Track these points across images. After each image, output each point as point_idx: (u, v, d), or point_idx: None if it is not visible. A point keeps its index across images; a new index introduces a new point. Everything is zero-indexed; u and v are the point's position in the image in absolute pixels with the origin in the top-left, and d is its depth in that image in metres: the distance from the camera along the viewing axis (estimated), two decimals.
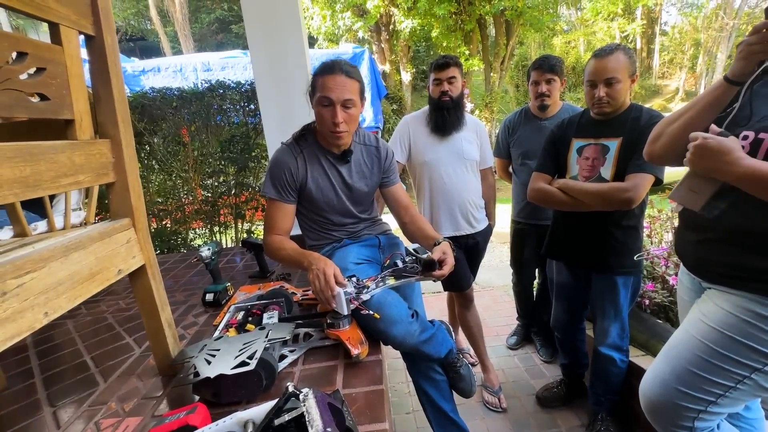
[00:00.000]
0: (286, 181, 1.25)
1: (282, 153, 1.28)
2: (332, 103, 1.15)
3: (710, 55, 14.24)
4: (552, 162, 1.58)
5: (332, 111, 1.16)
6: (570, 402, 1.87)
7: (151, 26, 14.78)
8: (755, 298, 0.87)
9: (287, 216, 1.29)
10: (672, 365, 0.98)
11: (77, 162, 0.81)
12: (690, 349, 0.95)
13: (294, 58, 2.07)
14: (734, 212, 0.89)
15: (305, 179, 1.27)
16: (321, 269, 1.05)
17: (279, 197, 1.26)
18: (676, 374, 0.96)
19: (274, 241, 1.25)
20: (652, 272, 1.84)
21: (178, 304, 1.63)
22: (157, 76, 4.90)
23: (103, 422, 0.94)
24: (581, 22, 15.04)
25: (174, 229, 3.23)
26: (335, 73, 1.16)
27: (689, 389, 0.94)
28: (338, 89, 1.15)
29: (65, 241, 0.78)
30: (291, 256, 1.19)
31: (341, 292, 1.01)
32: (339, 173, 1.31)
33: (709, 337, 0.92)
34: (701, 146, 0.83)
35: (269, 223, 1.29)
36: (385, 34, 9.50)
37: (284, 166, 1.25)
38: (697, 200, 0.91)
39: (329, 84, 1.15)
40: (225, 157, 3.08)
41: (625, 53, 1.35)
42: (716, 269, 0.95)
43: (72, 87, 0.80)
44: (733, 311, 0.90)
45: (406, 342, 1.13)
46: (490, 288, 3.32)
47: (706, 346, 0.92)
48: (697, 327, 0.96)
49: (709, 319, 0.94)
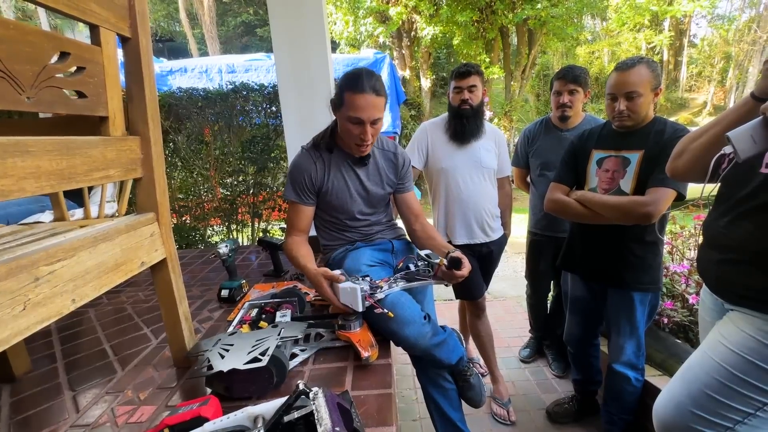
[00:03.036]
0: (306, 184, 1.30)
1: (302, 158, 1.32)
2: (362, 122, 1.19)
3: (741, 69, 13.80)
4: (570, 173, 1.56)
5: (362, 129, 1.20)
6: (581, 419, 1.83)
7: (179, 28, 15.29)
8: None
9: (306, 217, 1.34)
10: (688, 387, 0.95)
11: (109, 157, 0.85)
12: (707, 371, 0.92)
13: (317, 63, 2.11)
14: (760, 233, 0.86)
15: (323, 182, 1.31)
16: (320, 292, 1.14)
17: (298, 200, 1.31)
18: (692, 397, 0.93)
19: (291, 243, 1.31)
20: (671, 290, 1.79)
21: (194, 298, 1.67)
22: (183, 77, 5.05)
23: (119, 409, 0.97)
24: (606, 33, 14.80)
25: (193, 225, 3.32)
26: (365, 92, 1.16)
27: (705, 413, 0.90)
28: (369, 109, 1.17)
29: (94, 232, 0.81)
30: (299, 264, 1.27)
31: (357, 289, 1.03)
32: (357, 176, 1.34)
33: (728, 360, 0.89)
34: None
35: (289, 224, 1.35)
36: (407, 40, 9.56)
37: (304, 170, 1.29)
38: (749, 150, 0.82)
39: (360, 104, 1.16)
40: (245, 157, 3.15)
41: (648, 66, 1.32)
42: (738, 290, 0.91)
43: (108, 86, 0.84)
44: (754, 335, 0.86)
45: (419, 344, 1.13)
46: (503, 298, 3.28)
47: (725, 369, 0.89)
48: (716, 349, 0.93)
49: (729, 342, 0.90)
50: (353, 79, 1.18)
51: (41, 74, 0.68)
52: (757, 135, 0.81)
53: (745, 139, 0.82)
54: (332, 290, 1.12)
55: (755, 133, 0.81)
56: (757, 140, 0.81)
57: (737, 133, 0.83)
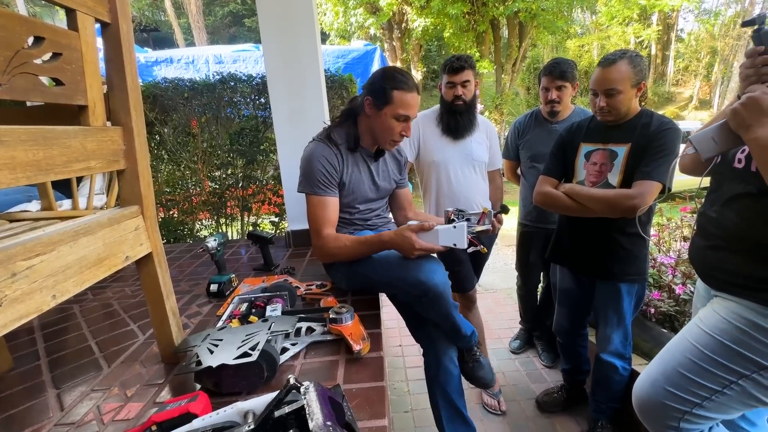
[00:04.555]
0: (330, 174, 1.26)
1: (321, 148, 1.28)
2: (409, 119, 1.24)
3: (726, 64, 14.02)
4: (559, 166, 1.56)
5: (405, 126, 1.25)
6: (570, 408, 1.86)
7: (165, 17, 14.90)
8: (754, 307, 0.88)
9: (336, 209, 1.30)
10: (663, 366, 1.02)
11: (89, 148, 0.82)
12: (682, 351, 0.99)
13: (307, 54, 2.06)
14: (739, 221, 0.90)
15: (345, 173, 1.30)
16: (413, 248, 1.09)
17: (324, 192, 1.26)
18: (666, 375, 1.00)
19: (329, 240, 1.24)
20: (658, 280, 1.82)
21: (182, 293, 1.64)
22: (169, 67, 4.94)
23: (105, 406, 0.95)
24: (596, 26, 14.87)
25: (181, 219, 3.26)
26: (414, 91, 1.23)
27: (677, 390, 0.97)
28: (416, 107, 1.25)
29: (74, 226, 0.79)
30: (358, 249, 1.21)
31: (464, 225, 1.09)
32: (369, 170, 1.37)
33: (701, 341, 0.95)
34: (755, 99, 0.82)
35: (319, 222, 1.25)
36: (397, 32, 9.48)
37: (324, 160, 1.26)
38: (710, 150, 0.91)
39: (411, 102, 1.23)
40: (234, 149, 3.09)
41: (630, 62, 1.32)
42: (721, 276, 0.95)
43: (87, 73, 0.81)
44: (728, 317, 0.92)
45: (444, 294, 1.12)
46: (493, 291, 3.30)
47: (697, 349, 0.95)
48: (692, 331, 0.99)
49: (704, 324, 0.96)
50: (401, 78, 1.23)
51: (14, 60, 0.65)
52: (717, 137, 0.90)
53: (706, 140, 0.91)
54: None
55: (716, 136, 0.90)
56: (717, 141, 0.90)
57: (699, 136, 0.92)
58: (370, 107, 1.25)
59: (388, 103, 1.22)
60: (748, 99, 0.83)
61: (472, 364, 1.29)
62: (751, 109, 0.82)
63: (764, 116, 0.80)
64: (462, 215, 1.27)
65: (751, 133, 0.82)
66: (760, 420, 1.09)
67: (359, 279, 1.27)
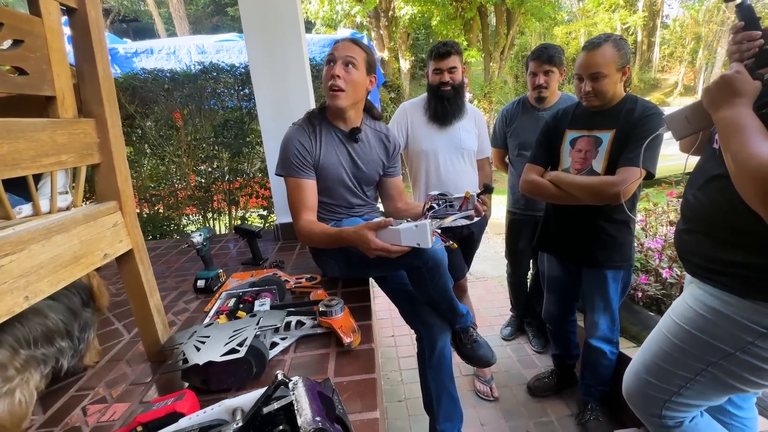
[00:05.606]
0: (303, 156, 1.27)
1: (294, 131, 1.30)
2: (334, 59, 1.23)
3: (710, 50, 14.18)
4: (545, 154, 1.56)
5: (330, 69, 1.23)
6: (560, 392, 1.89)
7: (144, 7, 14.39)
8: (715, 293, 0.89)
9: (312, 192, 1.29)
10: (643, 357, 1.05)
11: (59, 141, 0.78)
12: (657, 342, 1.01)
13: (290, 43, 2.01)
14: (709, 204, 0.90)
15: (318, 156, 1.29)
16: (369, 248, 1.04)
17: (299, 174, 1.27)
18: (646, 365, 1.03)
19: (304, 226, 1.25)
20: (645, 265, 1.84)
21: (169, 290, 1.60)
22: (150, 58, 4.76)
23: (89, 408, 0.93)
24: (582, 13, 14.86)
25: (167, 215, 3.19)
26: (340, 41, 1.27)
27: (656, 380, 1.00)
28: (341, 49, 1.24)
29: (47, 224, 0.75)
30: (323, 241, 1.21)
31: (427, 224, 1.01)
32: (348, 152, 1.34)
33: (672, 330, 0.97)
34: (727, 78, 0.81)
35: (296, 205, 1.28)
36: (384, 20, 9.32)
37: (298, 143, 1.27)
38: (683, 130, 0.91)
39: (335, 47, 1.26)
40: (219, 142, 3.02)
41: (614, 45, 1.31)
42: (694, 260, 0.96)
43: (53, 62, 0.76)
44: (693, 306, 0.93)
45: (443, 263, 1.12)
46: (484, 279, 3.33)
47: (669, 339, 0.97)
48: (665, 321, 1.02)
49: (674, 314, 0.99)
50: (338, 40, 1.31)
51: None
52: (691, 117, 0.89)
53: (679, 120, 0.90)
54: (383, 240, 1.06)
55: (690, 115, 0.89)
56: (691, 121, 0.89)
57: (673, 116, 0.92)
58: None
59: None
60: (721, 78, 0.82)
61: (471, 345, 1.29)
62: (722, 88, 0.81)
63: (733, 96, 0.79)
64: (444, 200, 1.23)
65: (719, 112, 0.81)
66: (747, 403, 1.10)
67: (352, 261, 1.23)
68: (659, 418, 1.02)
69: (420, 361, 1.32)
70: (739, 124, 0.76)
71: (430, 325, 1.25)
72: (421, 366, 1.32)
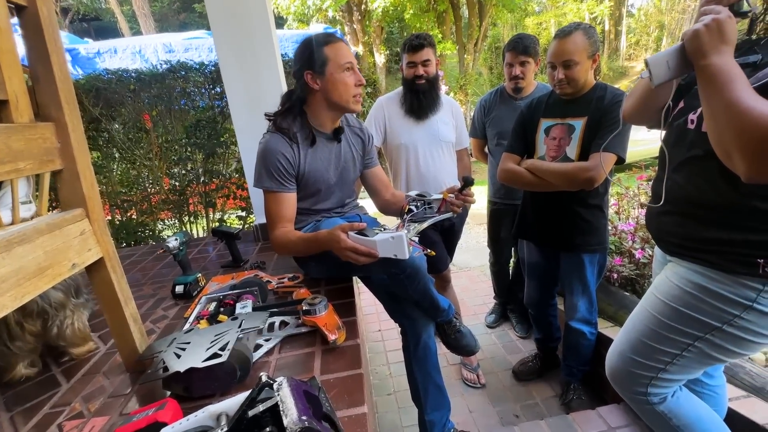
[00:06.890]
0: (285, 169, 1.21)
1: (274, 142, 1.22)
2: (353, 66, 1.20)
3: (673, 37, 14.71)
4: (521, 142, 1.58)
5: (355, 75, 1.21)
6: (544, 374, 1.95)
7: (106, 5, 13.74)
8: (699, 269, 0.91)
9: (292, 205, 1.26)
10: (628, 336, 1.06)
11: (15, 147, 0.73)
12: (642, 320, 1.02)
13: (261, 39, 1.96)
14: (688, 184, 0.91)
15: (304, 165, 1.25)
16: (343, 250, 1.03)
17: (279, 188, 1.22)
18: (631, 344, 1.04)
19: (279, 236, 1.22)
20: (620, 247, 1.91)
21: (146, 297, 1.55)
22: (114, 58, 4.57)
23: (66, 424, 0.89)
24: (552, 3, 15.13)
25: (141, 220, 3.08)
26: (340, 42, 1.22)
27: (642, 358, 1.01)
28: (350, 54, 1.22)
29: (7, 235, 0.71)
30: (300, 248, 1.19)
31: (403, 235, 0.98)
32: (332, 154, 1.31)
33: (657, 308, 0.98)
34: (720, 22, 0.75)
35: (273, 218, 1.24)
36: (357, 14, 9.23)
37: (280, 155, 1.20)
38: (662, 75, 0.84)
39: (345, 50, 1.21)
40: (191, 143, 2.93)
41: (585, 33, 1.34)
42: (673, 240, 0.98)
43: (3, 64, 0.72)
44: (679, 283, 0.95)
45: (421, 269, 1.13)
46: (467, 269, 3.37)
47: (655, 317, 0.98)
48: (649, 300, 1.03)
49: (659, 292, 1.00)
50: (322, 36, 1.22)
51: None
52: (672, 61, 0.83)
53: (660, 64, 0.84)
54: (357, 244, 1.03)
55: (671, 59, 0.83)
56: (671, 66, 0.83)
57: (655, 58, 0.84)
58: (313, 79, 1.20)
59: (327, 62, 1.18)
60: (713, 21, 0.75)
61: (455, 335, 1.31)
62: (714, 34, 0.75)
63: (723, 44, 0.75)
64: (421, 203, 1.22)
65: (706, 59, 0.75)
66: (717, 372, 1.17)
67: (332, 264, 1.22)
68: (644, 396, 1.03)
69: (406, 354, 1.33)
70: (730, 73, 0.72)
71: (413, 318, 1.26)
72: (407, 358, 1.33)
